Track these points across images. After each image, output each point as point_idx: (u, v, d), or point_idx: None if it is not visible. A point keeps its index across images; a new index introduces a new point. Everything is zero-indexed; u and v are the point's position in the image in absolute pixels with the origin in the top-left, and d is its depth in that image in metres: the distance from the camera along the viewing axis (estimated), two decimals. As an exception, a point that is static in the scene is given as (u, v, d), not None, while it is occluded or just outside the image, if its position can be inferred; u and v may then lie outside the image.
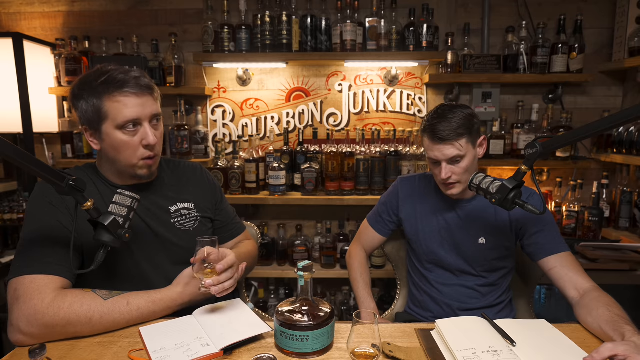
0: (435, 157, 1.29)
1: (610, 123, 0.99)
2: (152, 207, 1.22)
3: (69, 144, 2.35)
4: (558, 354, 0.96)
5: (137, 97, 1.08)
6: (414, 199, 1.48)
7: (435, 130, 1.26)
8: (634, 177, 2.25)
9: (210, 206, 1.35)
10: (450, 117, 1.25)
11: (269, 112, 2.49)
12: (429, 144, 1.30)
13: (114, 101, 1.07)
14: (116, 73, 1.08)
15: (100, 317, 1.01)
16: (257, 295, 2.50)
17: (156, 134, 1.14)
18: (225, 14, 2.25)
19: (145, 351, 0.95)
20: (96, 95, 1.07)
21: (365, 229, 1.60)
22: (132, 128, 1.10)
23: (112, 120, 1.08)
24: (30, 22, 2.45)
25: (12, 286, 1.00)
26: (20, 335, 0.97)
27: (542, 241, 1.30)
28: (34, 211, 1.09)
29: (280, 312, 0.98)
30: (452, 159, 1.27)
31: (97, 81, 1.07)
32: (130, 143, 1.10)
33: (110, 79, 1.07)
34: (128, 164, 1.14)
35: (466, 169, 1.28)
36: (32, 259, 1.02)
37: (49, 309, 0.96)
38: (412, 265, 1.53)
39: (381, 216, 1.55)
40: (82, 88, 1.09)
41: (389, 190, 1.56)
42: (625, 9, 2.20)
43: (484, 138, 1.34)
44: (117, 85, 1.07)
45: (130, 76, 1.08)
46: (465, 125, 1.25)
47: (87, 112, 1.09)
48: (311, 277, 0.97)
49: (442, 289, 1.42)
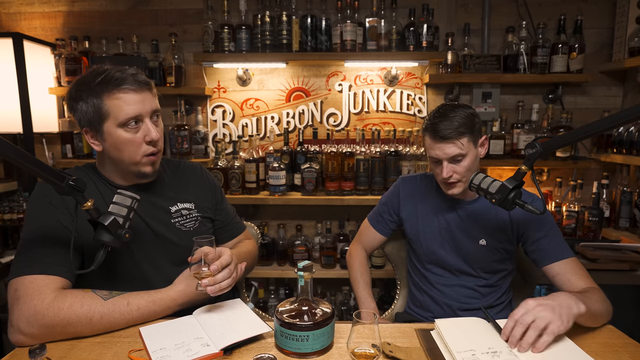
0: (437, 155, 1.29)
1: (610, 123, 0.99)
2: (152, 208, 1.22)
3: (69, 144, 2.35)
4: (555, 352, 0.96)
5: (136, 93, 1.09)
6: (415, 199, 1.47)
7: (437, 129, 1.26)
8: (634, 177, 2.25)
9: (210, 206, 1.35)
10: (451, 116, 1.25)
11: (269, 112, 2.49)
12: (430, 142, 1.30)
13: (114, 99, 1.07)
14: (113, 72, 1.08)
15: (101, 317, 1.01)
16: (257, 295, 2.50)
17: (157, 129, 1.14)
18: (225, 14, 2.25)
19: (145, 351, 0.95)
20: (95, 94, 1.07)
21: (366, 229, 1.60)
22: (134, 125, 1.10)
23: (114, 119, 1.08)
24: (30, 22, 2.45)
25: (12, 286, 1.00)
26: (20, 335, 0.97)
27: (546, 247, 1.29)
28: (34, 211, 1.09)
29: (280, 312, 0.98)
30: (454, 158, 1.27)
31: (94, 81, 1.07)
32: (133, 140, 1.11)
33: (108, 77, 1.07)
34: (132, 162, 1.13)
35: (467, 168, 1.28)
36: (32, 259, 1.02)
37: (49, 310, 0.96)
38: (412, 265, 1.53)
39: (382, 216, 1.55)
40: (79, 89, 1.09)
41: (389, 189, 1.56)
42: (625, 9, 2.20)
43: (485, 138, 1.34)
44: (115, 83, 1.07)
45: (127, 73, 1.09)
46: (466, 124, 1.25)
47: (87, 112, 1.09)
48: (311, 277, 0.97)
49: (442, 289, 1.42)
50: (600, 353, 0.98)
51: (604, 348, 1.00)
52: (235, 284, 1.46)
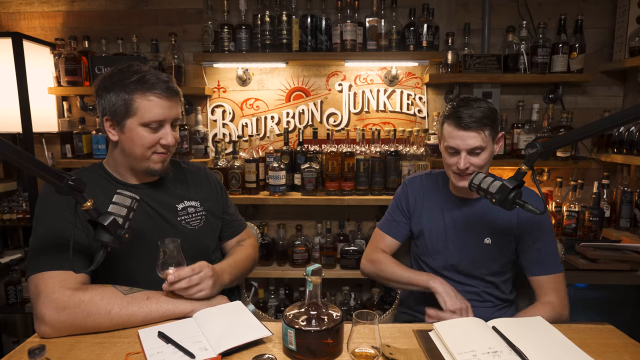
0: (456, 145, 1.25)
1: (610, 123, 0.98)
2: (158, 206, 1.24)
3: (69, 143, 2.35)
4: (555, 352, 0.96)
5: (167, 99, 1.14)
6: (421, 197, 1.47)
7: (461, 116, 1.22)
8: (634, 177, 2.25)
9: (215, 205, 1.37)
10: (476, 106, 1.24)
11: (269, 112, 2.49)
12: (450, 131, 1.26)
13: (146, 99, 1.12)
14: (148, 75, 1.13)
15: (120, 310, 1.03)
16: (257, 296, 2.50)
17: (175, 135, 1.19)
18: (225, 13, 2.25)
19: (142, 354, 0.95)
20: (128, 91, 1.12)
21: (378, 236, 1.51)
22: (155, 127, 1.14)
23: (139, 117, 1.13)
24: (29, 21, 2.45)
25: (33, 282, 1.04)
26: (44, 326, 1.00)
27: (538, 257, 1.32)
28: (47, 207, 1.12)
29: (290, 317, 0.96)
30: (473, 150, 1.24)
31: (130, 78, 1.12)
32: (150, 139, 1.15)
33: (144, 79, 1.12)
34: (143, 157, 1.17)
35: (485, 161, 1.26)
36: (50, 256, 1.05)
37: (69, 301, 1.00)
38: (415, 264, 1.52)
39: (395, 219, 1.50)
40: (113, 81, 1.13)
41: (397, 192, 1.53)
42: (626, 8, 2.20)
43: (502, 135, 1.32)
44: (149, 85, 1.12)
45: (161, 79, 1.14)
46: (490, 117, 1.24)
47: (116, 104, 1.13)
48: (320, 281, 0.97)
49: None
50: (601, 353, 0.98)
51: (604, 348, 1.00)
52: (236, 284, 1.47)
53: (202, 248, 1.30)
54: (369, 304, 2.45)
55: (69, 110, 2.44)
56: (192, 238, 1.27)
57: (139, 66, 1.16)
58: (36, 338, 1.02)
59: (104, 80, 1.15)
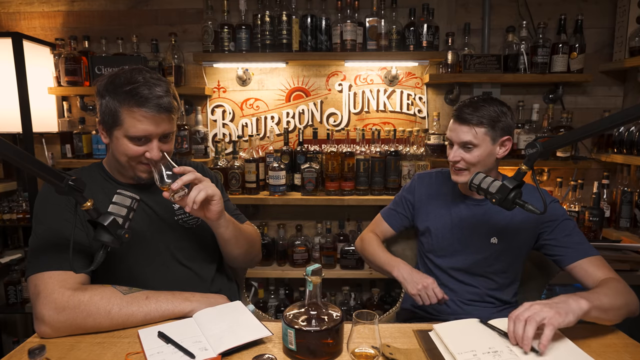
0: (451, 137, 1.32)
1: (610, 123, 0.98)
2: (155, 206, 1.23)
3: (69, 143, 2.35)
4: (555, 352, 0.95)
5: (153, 117, 1.10)
6: (429, 194, 1.48)
7: (461, 111, 1.29)
8: (634, 177, 2.25)
9: None
10: (480, 105, 1.28)
11: (269, 112, 2.49)
12: (451, 123, 1.34)
13: (131, 114, 1.09)
14: (142, 88, 1.08)
15: (119, 310, 1.03)
16: (257, 295, 2.50)
17: (163, 147, 1.15)
18: (225, 13, 2.25)
19: (142, 354, 0.95)
20: (117, 100, 1.09)
21: (378, 221, 1.60)
22: (142, 140, 1.12)
23: (125, 130, 1.10)
24: (29, 21, 2.45)
25: (32, 282, 1.04)
26: (43, 326, 1.00)
27: (574, 245, 1.28)
28: (46, 207, 1.11)
29: (290, 317, 0.96)
30: (464, 144, 1.28)
31: (122, 87, 1.08)
32: (134, 150, 1.12)
33: (134, 92, 1.07)
34: (127, 165, 1.16)
35: (477, 159, 1.28)
36: (49, 256, 1.05)
37: (69, 302, 1.00)
38: (421, 262, 1.52)
39: (396, 210, 1.55)
40: (107, 88, 1.10)
41: (406, 185, 1.57)
42: (626, 8, 2.20)
43: (508, 139, 1.31)
44: (138, 100, 1.07)
45: (154, 94, 1.08)
46: (490, 118, 1.26)
47: (105, 112, 1.11)
48: (320, 281, 0.97)
49: (449, 286, 1.41)
50: (601, 353, 0.98)
51: (605, 348, 1.00)
52: (236, 284, 1.47)
53: (201, 246, 1.30)
54: (369, 304, 2.45)
55: (69, 110, 2.44)
56: (191, 236, 1.27)
57: (139, 74, 1.11)
58: (36, 338, 1.02)
59: (100, 85, 1.13)
